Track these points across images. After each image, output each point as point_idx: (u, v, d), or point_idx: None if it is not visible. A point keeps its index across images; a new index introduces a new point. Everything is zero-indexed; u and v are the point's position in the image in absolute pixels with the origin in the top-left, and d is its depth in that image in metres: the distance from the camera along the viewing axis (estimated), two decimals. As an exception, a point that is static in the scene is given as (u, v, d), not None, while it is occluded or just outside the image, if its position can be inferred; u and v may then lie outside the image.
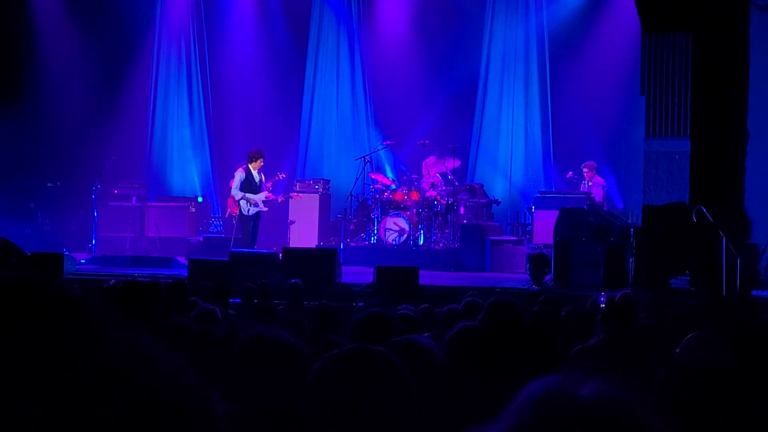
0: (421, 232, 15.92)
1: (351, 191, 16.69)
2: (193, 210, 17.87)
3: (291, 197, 15.99)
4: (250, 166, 14.77)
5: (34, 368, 0.93)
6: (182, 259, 14.60)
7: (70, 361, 0.95)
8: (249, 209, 14.64)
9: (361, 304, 8.61)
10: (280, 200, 15.86)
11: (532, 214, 16.45)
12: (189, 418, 0.98)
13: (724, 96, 12.82)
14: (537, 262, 12.55)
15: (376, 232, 16.07)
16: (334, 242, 16.57)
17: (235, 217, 15.48)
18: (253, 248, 14.33)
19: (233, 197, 15.05)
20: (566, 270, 12.44)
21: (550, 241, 13.10)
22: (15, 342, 0.95)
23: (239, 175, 14.75)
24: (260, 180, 14.76)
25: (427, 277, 12.52)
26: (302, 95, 19.79)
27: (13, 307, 1.00)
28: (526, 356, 2.73)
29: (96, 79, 18.92)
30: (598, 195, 16.24)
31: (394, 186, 16.60)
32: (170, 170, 19.90)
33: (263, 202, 14.71)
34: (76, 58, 18.81)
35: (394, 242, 15.85)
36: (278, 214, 18.69)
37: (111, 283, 8.98)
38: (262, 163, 14.82)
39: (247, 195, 14.57)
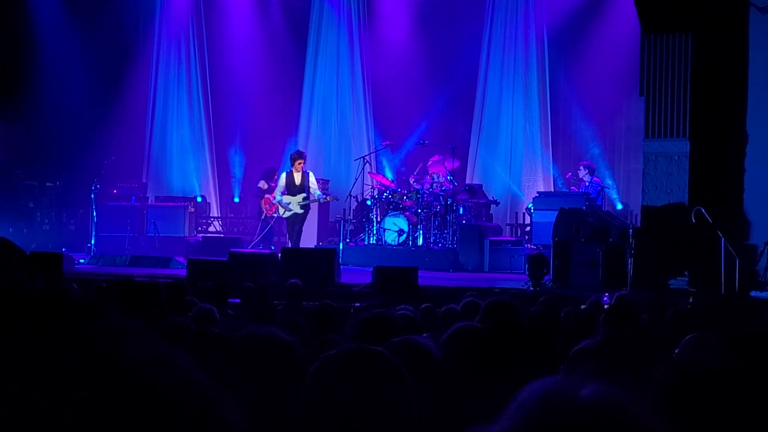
0: (420, 232, 15.91)
1: (350, 191, 16.70)
2: (192, 210, 17.87)
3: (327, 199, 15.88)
4: (292, 168, 15.17)
5: (53, 372, 0.93)
6: (181, 259, 14.61)
7: (90, 366, 0.95)
8: (283, 212, 15.12)
9: (357, 304, 8.59)
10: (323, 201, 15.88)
11: (531, 214, 16.45)
12: (203, 425, 0.99)
13: (723, 97, 12.83)
14: (536, 263, 12.54)
15: (375, 232, 16.07)
16: (333, 242, 16.57)
17: (271, 218, 15.67)
18: (298, 247, 14.72)
19: (268, 199, 15.66)
20: (565, 270, 12.45)
21: (549, 241, 13.10)
22: (33, 346, 0.96)
23: (281, 178, 15.26)
24: (301, 182, 15.06)
25: (426, 278, 12.52)
26: (301, 95, 19.80)
27: (32, 313, 1.00)
28: (525, 357, 2.73)
29: (96, 78, 18.92)
30: (595, 194, 16.22)
31: (393, 186, 16.60)
32: (169, 170, 19.90)
33: (300, 204, 14.99)
34: (75, 58, 18.80)
35: (393, 242, 15.85)
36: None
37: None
38: (301, 164, 15.11)
39: (283, 199, 15.02)
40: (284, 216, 15.17)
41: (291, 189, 15.10)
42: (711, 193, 12.66)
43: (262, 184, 16.79)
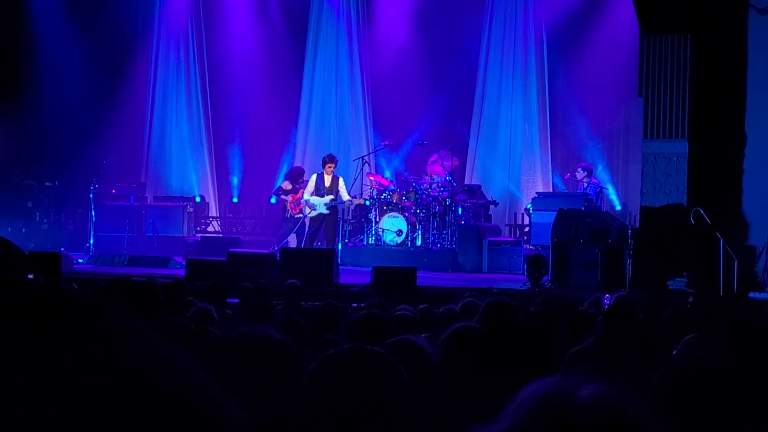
0: (419, 232, 15.92)
1: (349, 192, 16.69)
2: (191, 210, 17.87)
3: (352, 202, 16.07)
4: (323, 171, 15.40)
5: (55, 371, 0.93)
6: (180, 259, 14.61)
7: (92, 366, 0.95)
8: (310, 212, 15.34)
9: (355, 305, 8.59)
10: (349, 205, 16.04)
11: (529, 215, 16.45)
12: (206, 424, 0.99)
13: (722, 98, 12.83)
14: (534, 263, 12.55)
15: (374, 232, 16.08)
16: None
17: (294, 218, 15.94)
18: (311, 246, 15.13)
19: (295, 197, 15.91)
20: (564, 271, 12.45)
21: (548, 242, 13.11)
22: (35, 345, 0.96)
23: (311, 180, 15.50)
24: (331, 185, 15.28)
25: (424, 278, 12.52)
26: (300, 95, 19.79)
27: (33, 312, 1.00)
28: (523, 357, 2.73)
29: (95, 78, 18.90)
30: (593, 195, 16.21)
31: (392, 186, 16.59)
32: (168, 170, 19.89)
33: (326, 205, 15.20)
34: (74, 58, 18.80)
35: (391, 243, 15.85)
36: (277, 214, 18.69)
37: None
38: (332, 167, 15.31)
39: (310, 199, 15.26)
40: (310, 215, 15.38)
41: (320, 191, 15.35)
42: (710, 194, 12.66)
43: (286, 184, 16.84)
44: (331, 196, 15.24)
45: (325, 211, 15.24)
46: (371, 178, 17.00)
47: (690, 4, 12.80)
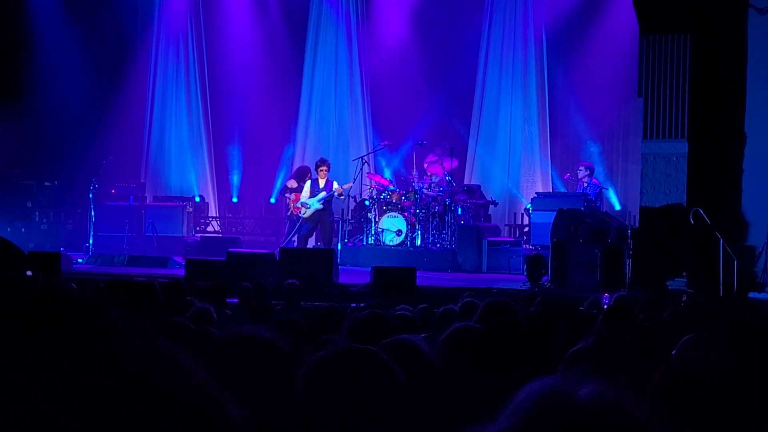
0: (419, 232, 15.92)
1: (348, 192, 16.70)
2: (191, 210, 17.87)
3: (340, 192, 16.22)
4: (317, 175, 15.67)
5: (55, 372, 0.93)
6: (179, 259, 14.61)
7: (92, 366, 0.95)
8: (305, 211, 15.52)
9: (354, 305, 8.59)
10: (338, 193, 16.11)
11: (529, 215, 16.45)
12: (206, 424, 0.99)
13: (721, 98, 12.83)
14: (534, 264, 12.55)
15: (373, 232, 16.08)
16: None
17: (297, 217, 16.00)
18: (305, 247, 15.56)
19: (298, 196, 16.01)
20: (563, 271, 12.45)
21: (548, 242, 13.11)
22: (35, 345, 0.96)
23: (306, 185, 15.76)
24: (323, 188, 15.48)
25: (424, 278, 12.52)
26: (300, 95, 19.80)
27: (34, 312, 1.00)
28: (523, 357, 2.73)
29: (94, 78, 18.90)
30: (593, 195, 16.22)
31: (392, 186, 16.59)
32: (168, 170, 19.89)
33: (320, 201, 15.37)
34: (74, 58, 18.79)
35: (391, 243, 15.85)
36: (277, 213, 18.72)
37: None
38: (324, 171, 15.52)
39: (306, 201, 15.50)
40: (305, 215, 15.46)
41: (312, 193, 15.51)
42: (709, 194, 12.66)
43: (291, 183, 16.88)
44: (324, 193, 15.31)
45: (320, 207, 15.24)
46: (371, 178, 17.01)
47: (690, 4, 12.80)
